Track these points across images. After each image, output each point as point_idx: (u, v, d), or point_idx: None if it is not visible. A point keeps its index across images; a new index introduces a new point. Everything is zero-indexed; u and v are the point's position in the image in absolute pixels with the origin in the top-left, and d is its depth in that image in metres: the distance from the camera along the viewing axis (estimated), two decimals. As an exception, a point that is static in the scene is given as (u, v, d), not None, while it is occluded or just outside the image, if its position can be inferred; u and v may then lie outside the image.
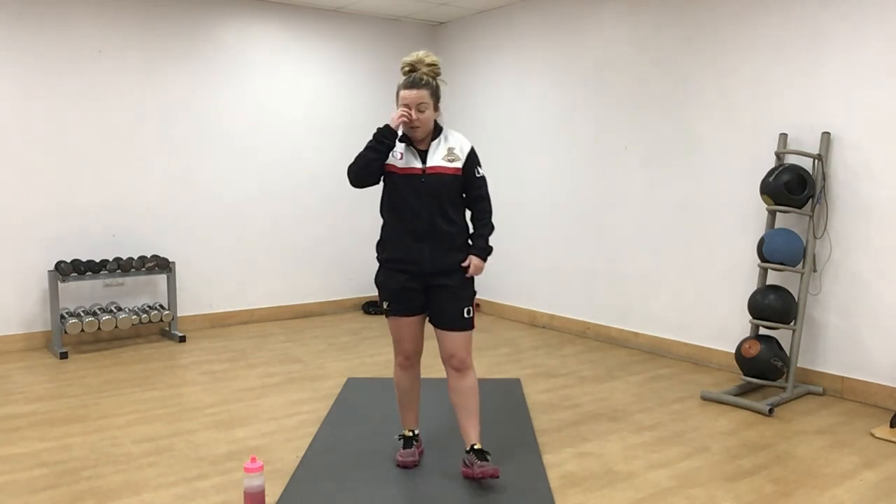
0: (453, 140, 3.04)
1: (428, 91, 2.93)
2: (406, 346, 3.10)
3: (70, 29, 5.32)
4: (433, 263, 2.98)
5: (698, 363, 4.96)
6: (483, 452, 2.97)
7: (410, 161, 2.99)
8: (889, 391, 4.03)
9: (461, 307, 3.00)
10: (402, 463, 3.16)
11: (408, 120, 2.92)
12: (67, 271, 5.13)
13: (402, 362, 3.15)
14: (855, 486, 3.03)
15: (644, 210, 5.28)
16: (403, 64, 2.98)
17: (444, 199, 2.98)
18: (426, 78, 2.94)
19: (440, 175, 2.96)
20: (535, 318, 6.20)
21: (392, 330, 3.11)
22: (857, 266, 4.15)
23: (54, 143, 5.31)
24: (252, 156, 6.20)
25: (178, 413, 3.91)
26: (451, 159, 2.99)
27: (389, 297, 3.05)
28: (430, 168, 2.97)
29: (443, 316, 3.02)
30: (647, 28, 5.17)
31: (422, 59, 2.97)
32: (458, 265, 3.02)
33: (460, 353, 3.01)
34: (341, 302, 6.79)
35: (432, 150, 2.99)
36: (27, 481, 3.04)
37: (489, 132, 6.49)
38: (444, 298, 3.00)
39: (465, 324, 3.01)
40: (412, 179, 2.97)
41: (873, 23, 4.01)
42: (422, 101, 2.91)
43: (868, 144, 4.07)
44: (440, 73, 3.01)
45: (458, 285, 3.01)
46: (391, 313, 3.07)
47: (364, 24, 6.72)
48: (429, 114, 2.94)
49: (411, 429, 3.24)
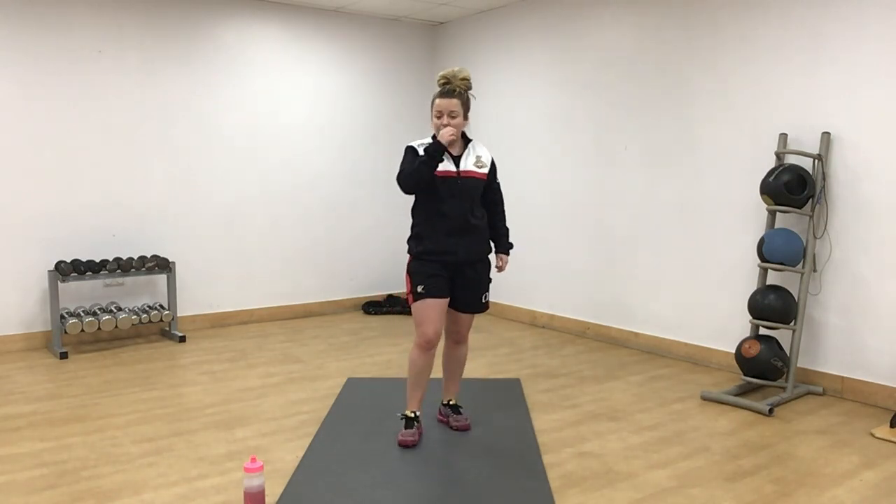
0: (480, 150, 3.50)
1: (459, 101, 3.36)
2: (431, 328, 3.37)
3: (70, 29, 5.32)
4: (466, 254, 3.41)
5: (698, 363, 4.96)
6: (458, 407, 3.67)
7: (447, 165, 3.37)
8: (889, 391, 4.04)
9: (482, 293, 3.54)
10: (402, 441, 3.39)
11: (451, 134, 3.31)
12: (67, 271, 5.13)
13: (423, 344, 3.40)
14: (855, 486, 3.03)
15: (644, 210, 5.28)
16: (440, 77, 3.40)
17: (475, 198, 3.44)
18: (459, 89, 3.38)
19: (472, 178, 3.41)
20: (535, 318, 6.20)
21: (420, 312, 3.39)
22: (857, 266, 4.15)
23: (54, 143, 5.31)
24: (252, 156, 6.20)
25: (178, 413, 3.91)
26: (479, 165, 3.46)
27: (424, 282, 3.38)
28: (464, 172, 3.39)
29: (465, 300, 3.49)
30: (647, 28, 5.17)
31: (456, 74, 3.39)
32: (485, 255, 3.49)
33: (464, 329, 3.57)
34: (341, 302, 6.79)
35: (464, 157, 3.42)
36: (27, 481, 3.04)
37: (489, 132, 6.49)
38: (469, 285, 3.47)
39: (482, 307, 3.57)
40: (449, 181, 3.36)
41: (873, 23, 4.01)
42: (452, 109, 3.34)
43: (868, 144, 4.07)
44: (471, 87, 3.45)
45: (481, 274, 3.51)
46: (425, 295, 3.38)
47: (364, 23, 6.72)
48: (459, 120, 3.36)
49: (414, 410, 3.48)
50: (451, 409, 3.66)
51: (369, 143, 6.81)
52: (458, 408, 3.67)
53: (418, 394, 3.48)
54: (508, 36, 6.31)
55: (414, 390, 3.47)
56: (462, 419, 3.60)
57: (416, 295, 3.38)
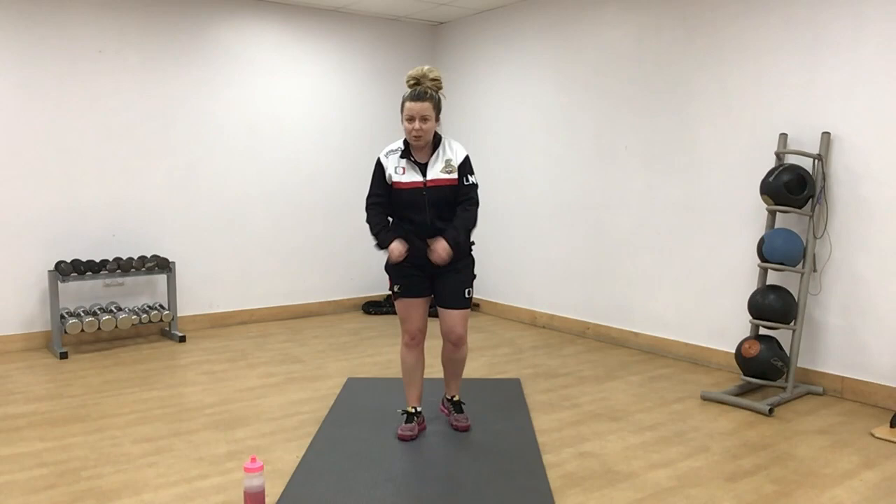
0: (450, 151, 3.37)
1: (431, 104, 3.25)
2: (412, 325, 3.43)
3: (70, 29, 5.32)
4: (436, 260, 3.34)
5: (698, 363, 4.96)
6: (460, 405, 3.63)
7: (412, 175, 3.32)
8: (889, 391, 4.03)
9: (463, 288, 3.43)
10: (401, 436, 3.45)
11: (399, 256, 3.30)
12: (67, 271, 5.13)
13: (407, 341, 3.46)
14: (855, 486, 3.03)
15: (644, 210, 5.28)
16: (409, 77, 3.28)
17: (444, 205, 3.34)
18: (430, 91, 3.26)
19: (440, 187, 3.31)
20: (535, 318, 6.20)
21: (400, 310, 3.46)
22: (857, 266, 4.15)
23: (54, 142, 5.32)
24: (252, 156, 6.20)
25: (178, 413, 3.91)
26: (448, 171, 3.33)
27: (399, 282, 3.41)
28: (430, 181, 3.31)
29: (446, 296, 3.42)
30: (647, 28, 5.17)
31: (426, 74, 3.27)
32: (461, 257, 3.40)
33: (458, 328, 3.44)
34: (341, 302, 6.80)
35: (431, 164, 3.33)
36: (27, 481, 3.04)
37: (489, 132, 6.49)
38: (448, 281, 3.41)
39: (465, 302, 3.43)
40: (415, 192, 3.31)
41: (873, 23, 4.01)
42: (425, 114, 3.23)
43: (868, 144, 4.07)
44: (442, 87, 3.33)
45: (460, 270, 3.42)
46: (401, 295, 3.42)
47: (364, 23, 6.72)
48: (430, 124, 3.26)
49: (413, 406, 3.54)
50: (452, 405, 3.65)
51: (369, 143, 6.80)
52: (461, 405, 3.65)
53: (414, 389, 3.53)
54: (508, 36, 6.31)
55: (409, 387, 3.53)
56: (463, 419, 3.59)
57: (395, 294, 3.45)
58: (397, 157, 3.35)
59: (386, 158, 3.37)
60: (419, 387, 3.54)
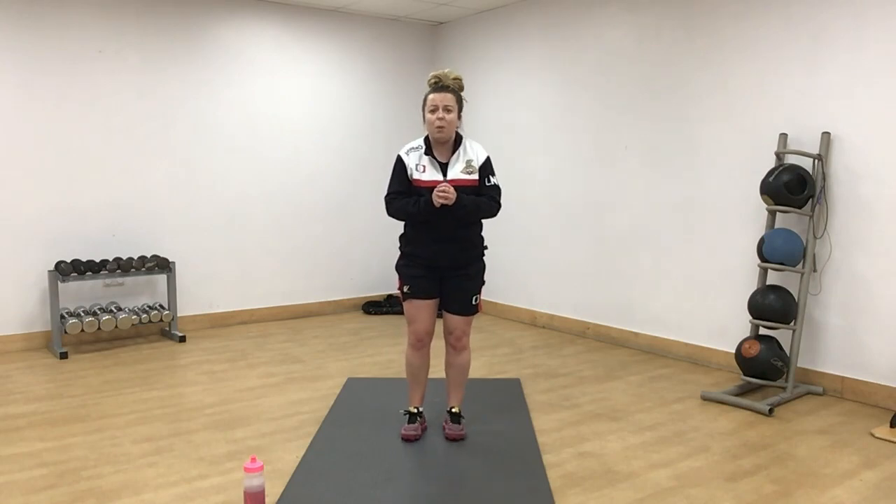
0: (471, 152, 3.37)
1: (453, 96, 3.28)
2: (419, 326, 3.41)
3: (70, 29, 5.32)
4: (452, 261, 3.36)
5: (698, 363, 4.96)
6: (458, 416, 3.51)
7: (433, 174, 3.29)
8: (889, 391, 4.03)
9: (471, 295, 3.41)
10: (405, 436, 3.44)
11: (444, 199, 3.15)
12: (67, 271, 5.13)
13: (414, 343, 3.44)
14: (855, 486, 3.03)
15: (644, 210, 5.28)
16: (431, 77, 3.31)
17: None
18: (452, 85, 3.30)
19: (460, 187, 3.25)
20: (535, 318, 6.20)
21: (408, 312, 3.43)
22: (857, 266, 4.15)
23: (54, 143, 5.31)
24: (252, 155, 6.20)
25: (178, 413, 3.91)
26: (469, 171, 3.32)
27: (410, 282, 3.38)
28: (450, 181, 3.27)
29: (454, 302, 3.40)
30: (647, 28, 5.17)
31: (447, 74, 3.32)
32: (473, 260, 3.42)
33: (458, 332, 3.43)
34: (341, 302, 6.79)
35: (452, 163, 3.32)
36: (27, 481, 3.03)
37: (489, 132, 6.49)
38: (457, 287, 3.39)
39: (471, 309, 3.43)
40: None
41: (873, 23, 4.01)
42: (448, 104, 3.24)
43: (868, 144, 4.07)
44: (463, 88, 3.36)
45: (470, 276, 3.41)
46: (410, 296, 3.39)
47: (364, 23, 6.72)
48: (453, 116, 3.26)
49: (416, 406, 3.53)
50: (450, 416, 3.53)
51: (369, 143, 6.81)
52: (459, 417, 3.52)
53: (418, 391, 3.52)
54: (508, 36, 6.31)
55: (413, 388, 3.53)
56: (457, 428, 3.47)
57: (404, 294, 3.42)
58: (419, 154, 3.32)
59: (407, 156, 3.33)
60: (423, 388, 3.53)
